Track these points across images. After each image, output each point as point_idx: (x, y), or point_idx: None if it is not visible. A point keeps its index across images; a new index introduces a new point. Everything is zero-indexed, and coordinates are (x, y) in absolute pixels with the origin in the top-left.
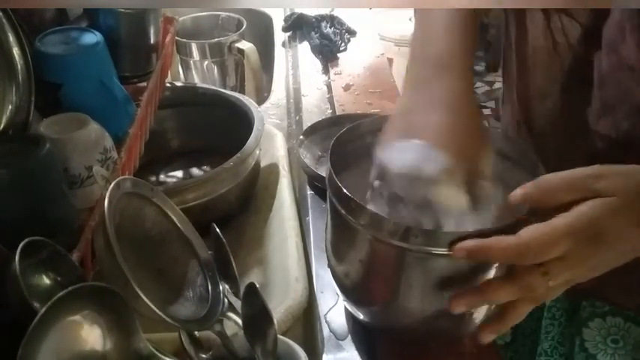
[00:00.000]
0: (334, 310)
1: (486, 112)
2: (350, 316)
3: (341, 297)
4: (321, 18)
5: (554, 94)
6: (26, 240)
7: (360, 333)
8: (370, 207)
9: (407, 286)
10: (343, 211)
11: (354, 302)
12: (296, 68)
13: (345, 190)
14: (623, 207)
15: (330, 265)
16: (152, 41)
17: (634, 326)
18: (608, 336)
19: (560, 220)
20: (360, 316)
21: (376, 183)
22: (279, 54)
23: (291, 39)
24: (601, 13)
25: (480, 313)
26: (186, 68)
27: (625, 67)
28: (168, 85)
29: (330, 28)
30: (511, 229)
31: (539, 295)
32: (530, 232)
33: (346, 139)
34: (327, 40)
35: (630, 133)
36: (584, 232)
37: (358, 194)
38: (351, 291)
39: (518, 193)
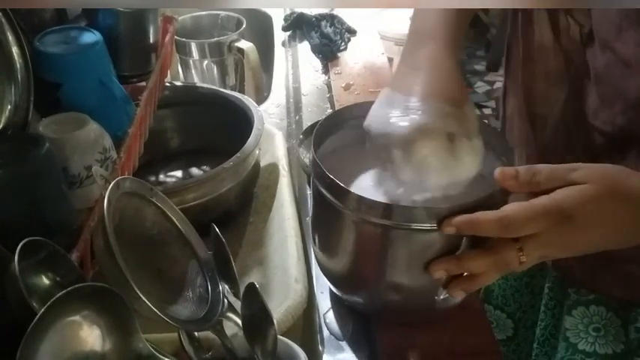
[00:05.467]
0: (334, 310)
1: (487, 112)
2: (350, 316)
3: (331, 286)
4: (321, 17)
5: (557, 90)
6: (25, 240)
7: (360, 333)
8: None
9: (392, 262)
10: (327, 194)
11: (341, 286)
12: (296, 68)
13: (327, 172)
14: (594, 194)
15: (315, 252)
16: (151, 40)
17: (615, 317)
18: (590, 324)
19: (538, 201)
20: (345, 297)
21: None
22: (279, 53)
23: (291, 38)
24: (597, 11)
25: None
26: (186, 68)
27: (620, 63)
28: (167, 84)
29: (330, 27)
30: (485, 202)
31: (510, 269)
32: (512, 207)
33: (330, 125)
34: (327, 39)
35: (627, 128)
36: (558, 214)
37: (341, 177)
38: (337, 275)
39: (508, 169)
